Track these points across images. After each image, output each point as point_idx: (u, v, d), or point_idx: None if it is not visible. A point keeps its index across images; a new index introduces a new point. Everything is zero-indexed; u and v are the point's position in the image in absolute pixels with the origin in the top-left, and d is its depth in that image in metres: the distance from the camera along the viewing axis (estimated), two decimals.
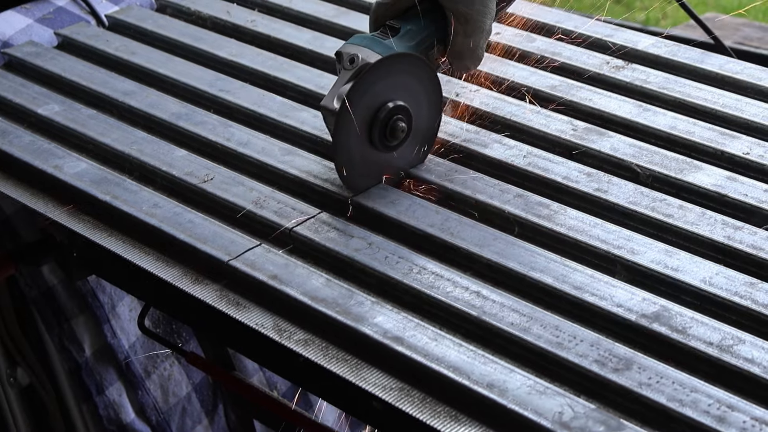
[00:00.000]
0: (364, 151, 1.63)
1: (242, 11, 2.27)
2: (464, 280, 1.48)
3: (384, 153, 1.65)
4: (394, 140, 1.64)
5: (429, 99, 1.67)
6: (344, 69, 1.61)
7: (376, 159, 1.65)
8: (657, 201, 1.61)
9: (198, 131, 1.85)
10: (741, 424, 1.23)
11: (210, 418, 2.68)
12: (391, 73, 1.61)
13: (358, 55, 1.61)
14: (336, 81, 1.62)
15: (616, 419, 1.26)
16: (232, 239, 1.59)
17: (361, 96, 1.59)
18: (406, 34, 1.66)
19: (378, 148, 1.64)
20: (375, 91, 1.60)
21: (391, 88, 1.61)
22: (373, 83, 1.59)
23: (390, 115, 1.62)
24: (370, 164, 1.65)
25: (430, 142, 1.72)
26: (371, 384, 1.36)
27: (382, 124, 1.62)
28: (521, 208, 1.60)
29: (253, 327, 1.47)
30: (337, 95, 1.59)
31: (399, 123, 1.63)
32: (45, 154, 1.83)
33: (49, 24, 2.32)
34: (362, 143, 1.62)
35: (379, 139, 1.63)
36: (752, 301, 1.41)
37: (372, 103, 1.61)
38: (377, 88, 1.60)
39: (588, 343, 1.36)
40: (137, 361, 2.51)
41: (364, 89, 1.59)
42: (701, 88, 1.89)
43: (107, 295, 2.44)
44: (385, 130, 1.62)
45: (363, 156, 1.64)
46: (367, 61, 1.60)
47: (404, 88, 1.63)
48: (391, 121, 1.62)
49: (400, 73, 1.62)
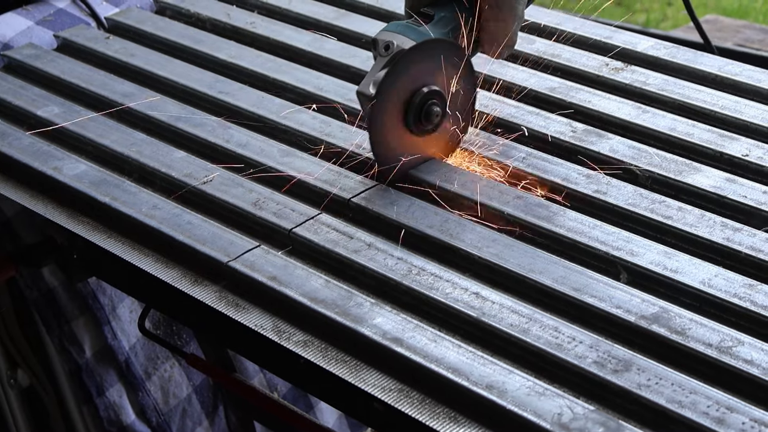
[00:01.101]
0: (400, 135, 1.66)
1: (242, 13, 2.27)
2: (463, 281, 1.48)
3: (420, 137, 1.68)
4: (429, 124, 1.68)
5: (464, 84, 1.70)
6: (380, 56, 1.65)
7: (412, 143, 1.68)
8: (656, 203, 1.61)
9: (197, 133, 1.85)
10: (740, 426, 1.23)
11: (210, 419, 2.68)
12: (425, 59, 1.64)
13: (393, 41, 1.64)
14: (372, 67, 1.65)
15: (616, 420, 1.26)
16: (231, 240, 1.60)
17: (396, 81, 1.62)
18: (440, 20, 1.69)
19: (413, 132, 1.67)
20: (410, 76, 1.64)
21: (426, 73, 1.65)
22: (408, 68, 1.63)
23: (425, 99, 1.65)
24: (405, 149, 1.68)
25: (465, 126, 1.75)
26: (370, 385, 1.36)
27: (417, 109, 1.65)
28: (521, 210, 1.60)
29: (252, 328, 1.47)
30: (373, 81, 1.62)
31: (434, 107, 1.66)
32: (44, 155, 1.83)
33: (50, 26, 2.32)
34: (398, 128, 1.66)
35: (414, 123, 1.66)
36: (751, 303, 1.41)
37: (407, 88, 1.64)
38: (412, 73, 1.63)
39: (587, 344, 1.36)
40: (137, 362, 2.51)
41: (399, 74, 1.62)
42: (700, 90, 1.89)
43: (108, 297, 2.44)
44: (420, 114, 1.66)
45: (399, 140, 1.67)
46: (402, 47, 1.63)
47: (440, 74, 1.66)
48: (426, 106, 1.66)
49: (434, 58, 1.65)
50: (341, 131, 1.82)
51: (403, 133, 1.67)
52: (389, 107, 1.64)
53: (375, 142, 1.66)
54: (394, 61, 1.62)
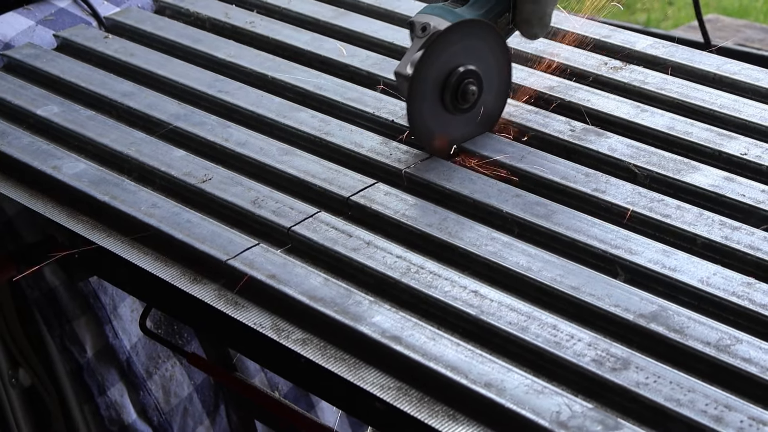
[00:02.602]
0: (438, 114, 1.71)
1: (241, 12, 2.27)
2: (462, 279, 1.48)
3: (456, 116, 1.72)
4: (465, 103, 1.72)
5: (498, 64, 1.75)
6: (417, 37, 1.69)
7: (449, 122, 1.72)
8: (655, 201, 1.61)
9: (196, 132, 1.86)
10: (738, 424, 1.23)
11: (211, 418, 2.68)
12: (461, 39, 1.68)
13: (429, 23, 1.68)
14: (409, 48, 1.70)
15: (614, 418, 1.26)
16: (230, 239, 1.60)
17: (433, 61, 1.67)
18: (476, 2, 1.72)
19: (450, 111, 1.71)
20: (446, 57, 1.68)
21: (462, 54, 1.69)
22: (444, 49, 1.67)
23: (461, 78, 1.69)
24: (443, 128, 1.72)
25: (501, 104, 1.79)
26: (369, 383, 1.37)
27: (454, 88, 1.69)
28: (519, 208, 1.60)
29: (251, 326, 1.47)
30: (411, 61, 1.67)
31: (470, 86, 1.70)
32: (44, 154, 1.83)
33: (51, 26, 2.32)
34: (435, 107, 1.70)
35: (451, 103, 1.70)
36: (749, 301, 1.41)
37: (443, 68, 1.68)
38: (448, 53, 1.68)
39: (586, 342, 1.36)
40: (139, 361, 2.52)
41: (435, 55, 1.67)
42: (699, 89, 1.89)
43: (109, 296, 2.44)
44: (456, 93, 1.70)
45: (436, 120, 1.71)
46: (438, 28, 1.67)
47: (474, 53, 1.70)
48: (462, 85, 1.70)
49: (470, 39, 1.69)
50: (340, 130, 1.82)
51: (440, 112, 1.71)
52: (426, 87, 1.68)
53: (413, 120, 1.70)
54: (430, 41, 1.66)
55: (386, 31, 2.13)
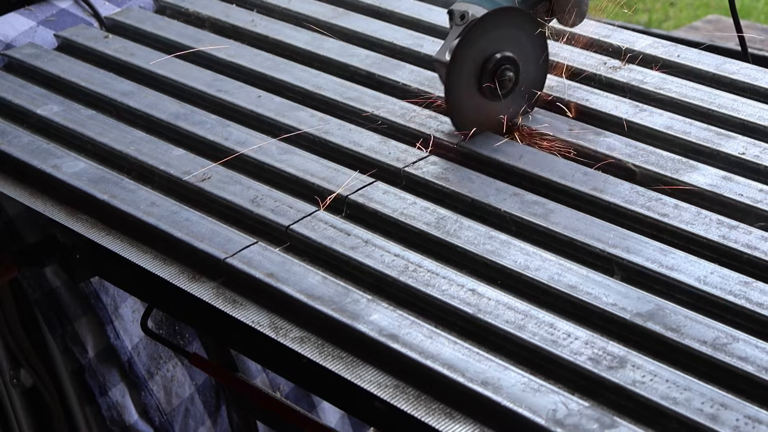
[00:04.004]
0: (475, 100, 1.75)
1: (241, 12, 2.27)
2: (460, 278, 1.49)
3: (494, 102, 1.76)
4: (502, 89, 1.75)
5: (535, 51, 1.78)
6: (455, 25, 1.73)
7: (487, 108, 1.75)
8: (653, 200, 1.61)
9: (196, 131, 1.86)
10: (734, 422, 1.23)
11: (213, 419, 2.68)
12: (498, 26, 1.72)
13: (468, 11, 1.72)
14: (447, 36, 1.74)
15: (610, 417, 1.26)
16: (228, 237, 1.60)
17: (470, 48, 1.70)
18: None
19: (488, 97, 1.74)
20: (483, 43, 1.71)
21: (499, 41, 1.73)
22: (481, 36, 1.71)
23: (498, 65, 1.73)
24: (480, 113, 1.76)
25: (539, 89, 1.83)
26: (366, 381, 1.37)
27: (491, 74, 1.73)
28: (517, 207, 1.60)
29: (249, 324, 1.47)
30: (449, 48, 1.71)
31: (507, 72, 1.74)
32: (44, 153, 1.84)
33: (53, 26, 2.33)
34: (473, 93, 1.74)
35: (488, 88, 1.73)
36: (746, 300, 1.41)
37: (480, 55, 1.72)
38: (485, 40, 1.71)
39: (582, 341, 1.37)
40: (140, 362, 2.52)
41: (472, 42, 1.70)
42: (697, 89, 1.89)
43: (110, 297, 2.44)
44: (493, 79, 1.73)
45: (474, 105, 1.75)
46: (476, 16, 1.71)
47: (511, 40, 1.74)
48: (499, 71, 1.73)
49: (507, 27, 1.73)
50: (339, 129, 1.83)
51: (478, 98, 1.75)
52: (463, 73, 1.72)
53: (451, 106, 1.75)
54: (467, 29, 1.70)
55: (386, 31, 2.14)
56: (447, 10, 1.75)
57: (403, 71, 1.99)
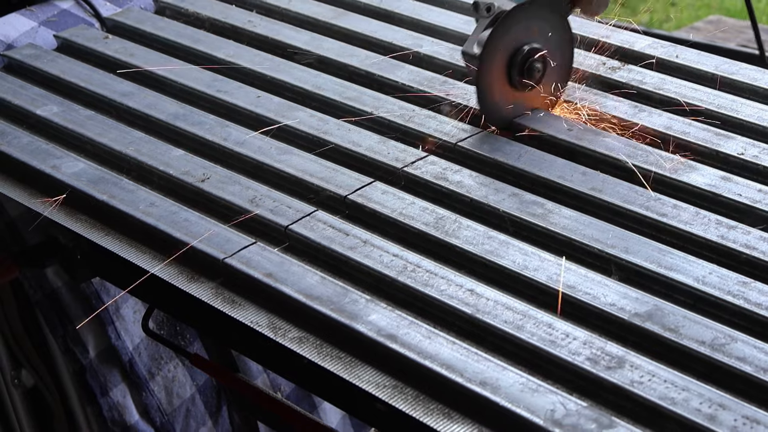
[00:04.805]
0: (504, 90, 1.78)
1: (241, 12, 2.27)
2: (458, 278, 1.48)
3: (522, 92, 1.79)
4: (531, 80, 1.79)
5: (561, 41, 1.82)
6: (482, 17, 1.77)
7: (515, 98, 1.79)
8: (651, 200, 1.61)
9: (195, 131, 1.86)
10: (732, 423, 1.23)
11: (214, 419, 2.68)
12: (526, 18, 1.76)
13: (494, 3, 1.76)
14: (474, 29, 1.77)
15: (608, 417, 1.26)
16: (227, 237, 1.60)
17: (499, 40, 1.74)
18: None
19: (517, 87, 1.78)
20: (511, 35, 1.75)
21: (526, 32, 1.76)
22: (510, 28, 1.74)
23: (527, 56, 1.77)
24: (509, 103, 1.79)
25: (563, 81, 1.86)
26: (365, 381, 1.37)
27: (520, 65, 1.77)
28: (516, 207, 1.60)
29: (248, 325, 1.47)
30: (478, 41, 1.75)
31: (535, 64, 1.77)
32: (43, 154, 1.84)
33: (54, 27, 2.33)
34: (502, 83, 1.77)
35: (517, 79, 1.77)
36: (745, 300, 1.41)
37: (509, 46, 1.76)
38: (513, 32, 1.75)
39: (581, 341, 1.37)
40: (141, 362, 2.52)
41: (501, 33, 1.74)
42: (697, 89, 1.89)
43: (111, 297, 2.44)
44: (522, 70, 1.77)
45: (503, 95, 1.78)
46: (503, 8, 1.74)
47: (538, 31, 1.78)
48: (527, 62, 1.77)
49: (534, 18, 1.76)
50: (338, 129, 1.83)
51: (507, 89, 1.78)
52: (493, 65, 1.75)
53: (481, 97, 1.77)
54: (496, 21, 1.73)
55: (385, 31, 2.14)
56: (472, 2, 1.78)
57: (403, 71, 1.99)
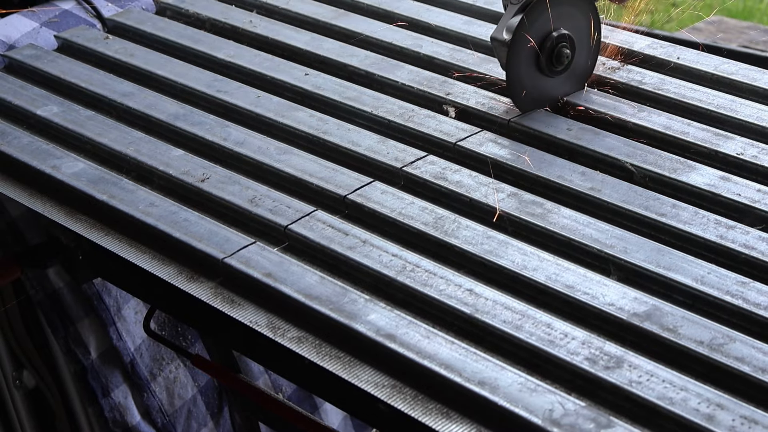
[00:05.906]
0: (533, 76, 1.80)
1: (241, 13, 2.28)
2: (457, 278, 1.49)
3: (551, 78, 1.82)
4: (560, 65, 1.81)
5: (589, 27, 1.84)
6: (511, 4, 1.78)
7: (544, 84, 1.81)
8: (650, 200, 1.61)
9: (195, 131, 1.86)
10: (730, 423, 1.23)
11: (215, 420, 2.68)
12: (555, 5, 1.77)
13: None
14: (503, 15, 1.79)
15: (606, 417, 1.26)
16: (227, 237, 1.60)
17: (529, 26, 1.76)
18: None
19: (545, 73, 1.81)
20: (541, 21, 1.77)
21: (556, 18, 1.78)
22: (540, 14, 1.76)
23: (556, 42, 1.79)
24: (538, 89, 1.82)
25: (591, 68, 1.89)
26: (364, 381, 1.37)
27: (549, 51, 1.79)
28: (515, 207, 1.61)
29: (247, 324, 1.47)
30: (507, 27, 1.77)
31: (564, 50, 1.80)
32: (43, 154, 1.84)
33: (55, 27, 2.33)
34: (531, 70, 1.80)
35: (546, 65, 1.80)
36: (743, 300, 1.41)
37: (539, 33, 1.78)
38: (543, 18, 1.77)
39: (579, 341, 1.37)
40: (143, 363, 2.52)
41: (531, 20, 1.75)
42: (696, 89, 1.89)
43: (113, 298, 2.44)
44: (551, 56, 1.80)
45: (532, 81, 1.81)
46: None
47: (567, 18, 1.80)
48: (556, 49, 1.79)
49: (563, 4, 1.78)
50: (338, 129, 1.83)
51: (536, 75, 1.80)
52: (522, 51, 1.77)
53: (511, 83, 1.79)
54: (526, 8, 1.75)
55: (385, 32, 2.14)
56: None
57: (403, 71, 1.99)
